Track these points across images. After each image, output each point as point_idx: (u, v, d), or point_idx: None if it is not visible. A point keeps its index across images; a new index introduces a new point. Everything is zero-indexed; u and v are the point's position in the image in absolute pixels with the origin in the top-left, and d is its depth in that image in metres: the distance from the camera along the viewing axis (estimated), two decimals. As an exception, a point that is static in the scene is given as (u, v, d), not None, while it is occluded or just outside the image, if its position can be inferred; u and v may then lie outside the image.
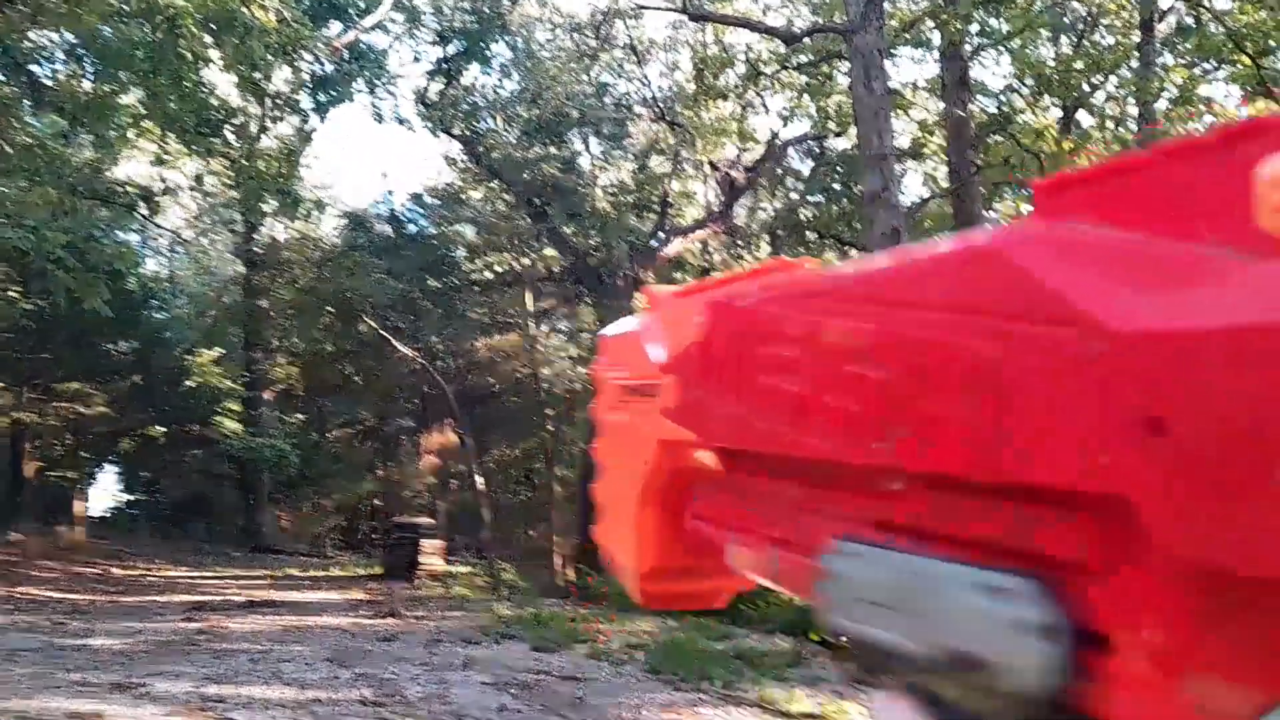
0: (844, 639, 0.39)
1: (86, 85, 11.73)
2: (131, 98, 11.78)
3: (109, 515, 24.44)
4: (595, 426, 0.67)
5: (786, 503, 0.44)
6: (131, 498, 26.34)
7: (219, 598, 11.12)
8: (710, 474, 0.52)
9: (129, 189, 11.98)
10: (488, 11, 17.83)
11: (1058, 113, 12.27)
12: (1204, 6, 9.96)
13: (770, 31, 11.83)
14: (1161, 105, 10.69)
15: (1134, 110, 11.38)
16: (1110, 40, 12.18)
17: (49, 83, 11.86)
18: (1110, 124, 11.68)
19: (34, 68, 11.82)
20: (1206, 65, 10.98)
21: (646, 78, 17.66)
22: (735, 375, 0.44)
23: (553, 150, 18.07)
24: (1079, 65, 10.84)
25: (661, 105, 17.13)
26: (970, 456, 0.29)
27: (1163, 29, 11.66)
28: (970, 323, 0.28)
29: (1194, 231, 0.22)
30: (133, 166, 15.72)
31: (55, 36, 11.95)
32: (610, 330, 0.66)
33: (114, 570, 14.98)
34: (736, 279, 0.52)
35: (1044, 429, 0.24)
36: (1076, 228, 0.27)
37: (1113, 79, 11.40)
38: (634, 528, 0.58)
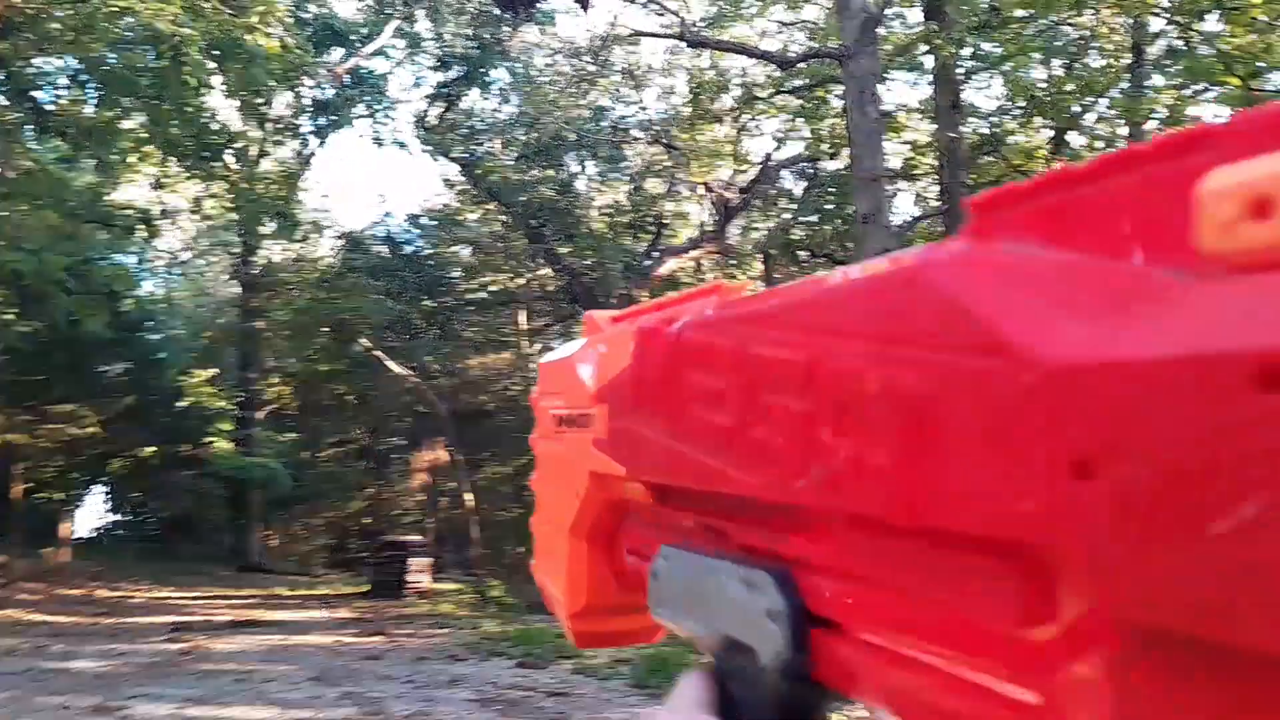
0: (668, 628, 0.44)
1: (89, 110, 11.73)
2: (133, 122, 11.79)
3: (95, 536, 24.25)
4: (534, 458, 0.64)
5: (707, 539, 0.42)
6: (118, 518, 26.16)
7: (204, 618, 11.03)
8: (640, 507, 0.49)
9: (129, 212, 11.97)
10: (488, 38, 17.98)
11: (1049, 133, 12.36)
12: (1195, 30, 10.05)
13: (766, 57, 11.89)
14: (1151, 126, 10.76)
15: (1124, 131, 11.44)
16: (1102, 63, 12.27)
17: (52, 108, 11.84)
18: (1100, 144, 11.74)
19: (37, 94, 11.81)
20: (1196, 87, 11.07)
21: (643, 102, 17.80)
22: (661, 405, 0.41)
23: (550, 172, 18.16)
24: (1070, 87, 10.92)
25: (657, 128, 17.25)
26: (890, 497, 0.28)
27: (1154, 52, 11.75)
28: (892, 353, 0.26)
29: (1135, 250, 0.21)
30: (132, 190, 15.73)
31: (59, 62, 11.95)
32: (547, 357, 0.64)
33: (99, 592, 14.84)
34: (674, 302, 0.48)
35: (964, 469, 0.23)
36: (1008, 246, 0.25)
37: (1103, 100, 11.48)
38: (565, 563, 0.56)
